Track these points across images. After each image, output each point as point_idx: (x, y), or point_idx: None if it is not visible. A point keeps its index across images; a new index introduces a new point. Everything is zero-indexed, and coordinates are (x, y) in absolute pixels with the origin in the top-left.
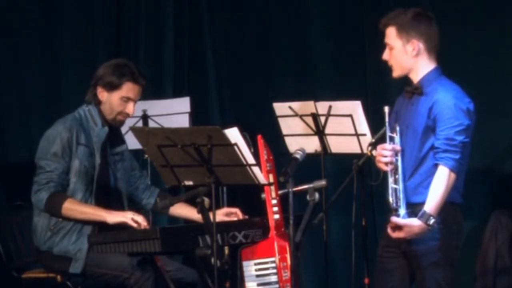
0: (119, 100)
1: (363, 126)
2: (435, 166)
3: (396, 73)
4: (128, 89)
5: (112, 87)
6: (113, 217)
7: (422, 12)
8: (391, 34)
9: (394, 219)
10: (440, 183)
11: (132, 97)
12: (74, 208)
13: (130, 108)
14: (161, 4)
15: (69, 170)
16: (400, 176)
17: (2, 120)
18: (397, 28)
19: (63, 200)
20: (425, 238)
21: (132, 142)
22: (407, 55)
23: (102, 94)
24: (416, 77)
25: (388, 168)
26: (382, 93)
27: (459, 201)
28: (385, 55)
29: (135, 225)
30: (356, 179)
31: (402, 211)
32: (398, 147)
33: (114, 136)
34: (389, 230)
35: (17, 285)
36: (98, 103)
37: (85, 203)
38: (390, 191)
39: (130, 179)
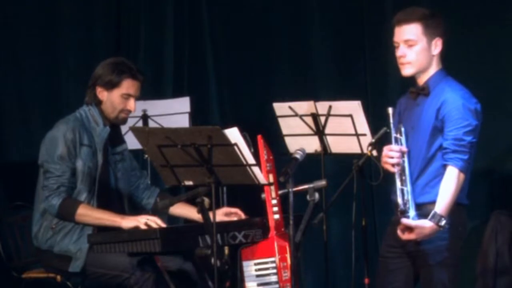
0: (120, 98)
1: (363, 126)
2: (443, 166)
3: (412, 70)
4: (128, 86)
5: (111, 85)
6: (127, 222)
7: (436, 12)
8: (416, 31)
9: (404, 220)
10: (450, 183)
11: (132, 93)
12: (88, 214)
13: (131, 104)
14: (161, 5)
15: (75, 171)
16: (407, 177)
17: (2, 120)
18: (423, 25)
19: (76, 206)
20: (433, 238)
21: (132, 142)
22: (429, 53)
23: (102, 94)
24: (423, 78)
25: (395, 170)
26: (382, 93)
27: (465, 202)
28: (402, 52)
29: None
30: (356, 179)
31: (412, 212)
32: (404, 148)
33: (115, 135)
34: (398, 232)
35: (17, 285)
36: (98, 103)
37: (90, 205)
38: (398, 192)
39: (131, 179)
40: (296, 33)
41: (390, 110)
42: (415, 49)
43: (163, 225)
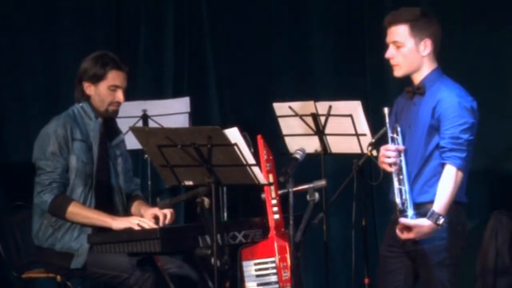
0: (107, 90)
1: (363, 126)
2: (441, 165)
3: (401, 72)
4: (114, 77)
5: (97, 78)
6: (118, 223)
7: (428, 12)
8: (403, 32)
9: (403, 220)
10: (448, 182)
11: (119, 84)
12: (78, 212)
13: (119, 96)
14: (161, 5)
15: (68, 167)
16: (405, 176)
17: (2, 120)
18: (410, 26)
19: (67, 203)
20: (432, 237)
21: (132, 142)
22: (418, 54)
23: (90, 89)
24: (418, 77)
25: (392, 169)
26: (382, 93)
27: (464, 201)
28: (390, 54)
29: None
30: (356, 179)
31: (410, 211)
32: (401, 147)
33: (111, 128)
34: (397, 232)
35: (17, 285)
36: (87, 98)
37: (85, 204)
38: (396, 192)
39: (128, 177)
40: (296, 33)
41: (386, 110)
42: (403, 50)
43: (155, 226)
